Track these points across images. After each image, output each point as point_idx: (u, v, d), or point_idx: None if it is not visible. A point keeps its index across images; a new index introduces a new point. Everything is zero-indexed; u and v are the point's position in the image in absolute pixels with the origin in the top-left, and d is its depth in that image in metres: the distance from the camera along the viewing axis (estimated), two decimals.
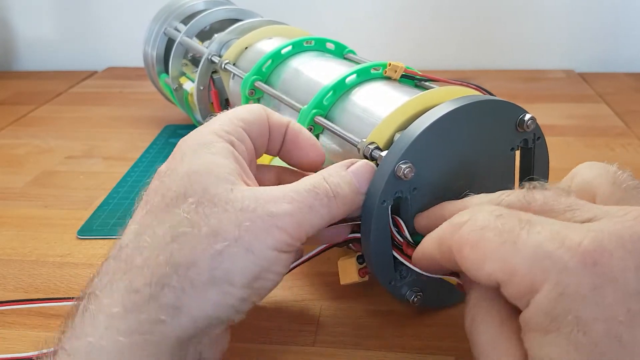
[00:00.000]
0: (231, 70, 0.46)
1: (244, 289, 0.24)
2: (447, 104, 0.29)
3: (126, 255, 0.25)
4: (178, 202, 0.25)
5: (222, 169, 0.26)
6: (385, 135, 0.30)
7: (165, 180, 0.26)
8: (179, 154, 0.28)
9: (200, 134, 0.28)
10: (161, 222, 0.25)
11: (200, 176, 0.26)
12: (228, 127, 0.28)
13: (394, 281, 0.31)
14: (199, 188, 0.25)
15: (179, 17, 0.61)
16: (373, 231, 0.29)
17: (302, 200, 0.26)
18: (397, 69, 0.35)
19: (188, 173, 0.26)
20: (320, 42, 0.44)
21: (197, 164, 0.26)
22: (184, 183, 0.26)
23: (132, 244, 0.25)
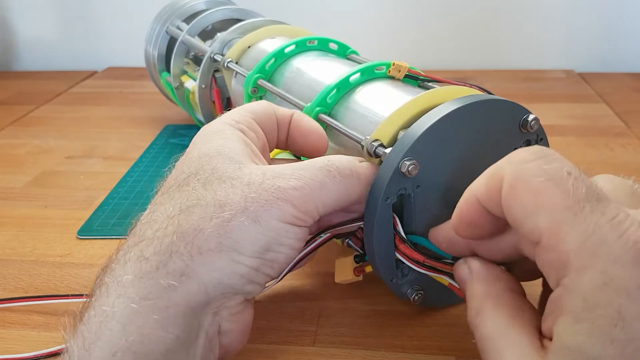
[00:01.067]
0: (234, 69, 0.46)
1: (254, 259, 0.25)
2: (452, 102, 0.29)
3: (139, 230, 0.26)
4: (189, 180, 0.27)
5: (232, 150, 0.28)
6: (389, 133, 0.30)
7: (179, 165, 0.28)
8: (193, 142, 0.29)
9: (213, 125, 0.30)
10: (172, 199, 0.26)
11: (210, 158, 0.27)
12: (238, 117, 0.30)
13: (396, 279, 0.31)
14: (208, 167, 0.27)
15: (181, 16, 0.61)
16: (376, 228, 0.29)
17: (311, 177, 0.26)
18: (401, 68, 0.35)
19: (199, 155, 0.28)
20: (323, 42, 0.44)
21: (207, 147, 0.28)
22: (195, 164, 0.27)
23: (145, 219, 0.26)
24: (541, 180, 0.21)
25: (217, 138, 0.28)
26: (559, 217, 0.20)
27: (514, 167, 0.22)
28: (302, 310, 0.35)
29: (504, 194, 0.22)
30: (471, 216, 0.24)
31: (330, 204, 0.27)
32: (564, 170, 0.21)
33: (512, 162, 0.22)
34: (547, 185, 0.20)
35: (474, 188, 0.24)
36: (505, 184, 0.22)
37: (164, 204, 0.26)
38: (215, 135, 0.29)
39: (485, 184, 0.23)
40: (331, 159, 0.28)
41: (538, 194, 0.21)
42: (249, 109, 0.31)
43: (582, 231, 0.19)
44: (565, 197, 0.20)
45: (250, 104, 0.32)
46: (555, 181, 0.20)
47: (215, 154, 0.27)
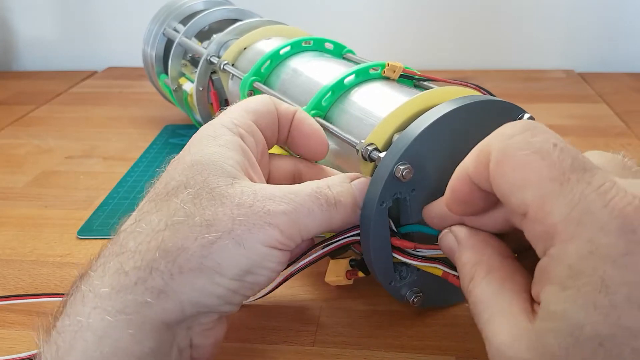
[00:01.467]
0: (230, 71, 0.46)
1: (234, 281, 0.25)
2: (446, 104, 0.29)
3: (121, 239, 0.25)
4: (178, 191, 0.26)
5: (227, 160, 0.27)
6: (384, 136, 0.30)
7: (170, 170, 0.27)
8: (188, 145, 0.28)
9: (211, 126, 0.29)
10: (159, 210, 0.25)
11: (203, 166, 0.26)
12: (238, 120, 0.29)
13: (394, 282, 0.31)
14: (199, 179, 0.26)
15: (178, 17, 0.61)
16: (372, 232, 0.29)
17: (301, 203, 0.26)
18: (396, 69, 0.35)
19: (192, 163, 0.26)
20: (318, 42, 0.44)
21: (201, 154, 0.27)
22: (187, 173, 0.26)
23: (129, 229, 0.25)
24: (527, 153, 0.21)
25: (213, 144, 0.27)
26: (544, 189, 0.20)
27: (500, 142, 0.22)
28: (302, 310, 0.35)
29: (492, 169, 0.22)
30: (463, 192, 0.24)
31: (314, 230, 0.27)
32: (550, 142, 0.21)
33: (498, 137, 0.22)
34: (533, 158, 0.21)
35: (465, 164, 0.24)
36: (492, 159, 0.22)
37: (150, 213, 0.25)
38: (212, 140, 0.28)
39: (474, 159, 0.23)
40: (320, 185, 0.28)
41: (524, 167, 0.21)
42: (250, 108, 0.30)
43: (567, 201, 0.19)
44: (551, 169, 0.20)
45: (251, 100, 0.31)
46: (541, 153, 0.21)
47: (208, 162, 0.26)
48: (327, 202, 0.27)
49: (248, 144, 0.29)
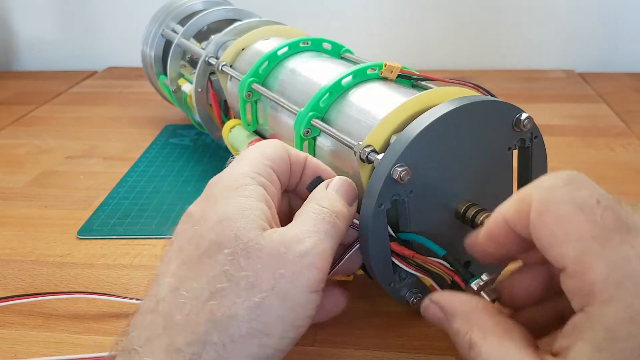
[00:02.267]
0: (228, 72, 0.46)
1: (281, 340, 0.25)
2: (443, 105, 0.29)
3: (164, 311, 0.24)
4: (212, 252, 0.25)
5: (254, 212, 0.26)
6: (382, 138, 0.30)
7: (198, 228, 0.26)
8: (212, 198, 0.27)
9: (232, 176, 0.28)
10: (198, 276, 0.25)
11: (232, 222, 0.25)
12: (259, 168, 0.28)
13: (393, 283, 0.31)
14: (231, 235, 0.25)
15: (177, 17, 0.60)
16: (371, 234, 0.29)
17: (317, 230, 0.26)
18: (393, 69, 0.35)
19: (220, 219, 0.26)
20: (316, 43, 0.44)
21: (229, 209, 0.26)
22: (217, 231, 0.25)
23: (170, 297, 0.24)
24: (569, 208, 0.21)
25: (237, 196, 0.27)
26: (585, 246, 0.20)
27: (542, 193, 0.22)
28: None
29: (532, 220, 0.22)
30: (499, 237, 0.24)
31: (334, 248, 0.27)
32: (594, 198, 0.21)
33: (541, 187, 0.22)
34: (575, 213, 0.20)
35: (504, 210, 0.24)
36: (533, 209, 0.22)
37: (189, 279, 0.25)
38: (235, 192, 0.27)
39: (515, 207, 0.23)
40: (315, 207, 0.27)
41: (565, 221, 0.21)
42: (267, 155, 0.29)
43: (608, 262, 0.19)
44: (593, 227, 0.20)
45: (267, 147, 0.30)
46: (584, 209, 0.20)
47: (237, 216, 0.26)
48: (330, 216, 0.27)
49: (270, 193, 0.28)
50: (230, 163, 0.30)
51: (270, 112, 0.41)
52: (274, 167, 0.29)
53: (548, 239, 0.21)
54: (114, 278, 0.39)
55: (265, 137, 0.44)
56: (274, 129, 0.41)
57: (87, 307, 0.36)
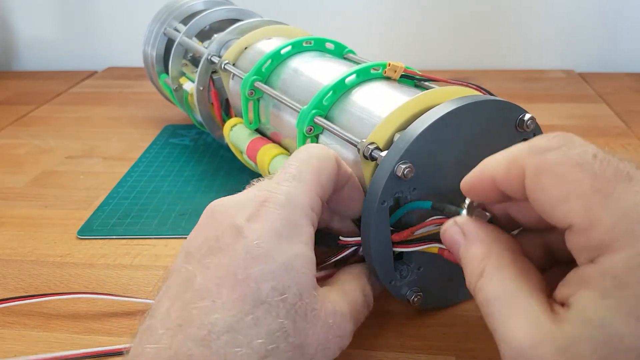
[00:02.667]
0: (231, 71, 0.46)
1: None
2: (447, 104, 0.29)
3: (217, 351, 0.22)
4: (275, 301, 0.24)
5: (311, 266, 0.26)
6: (385, 136, 0.30)
7: (262, 268, 0.24)
8: (271, 227, 0.25)
9: (291, 206, 0.26)
10: (257, 323, 0.23)
11: (298, 275, 0.24)
12: (314, 202, 0.27)
13: (394, 281, 0.31)
14: (295, 290, 0.24)
15: (179, 17, 0.61)
16: (373, 231, 0.29)
17: (359, 319, 0.29)
18: (397, 69, 0.35)
19: (286, 266, 0.24)
20: (319, 42, 0.44)
21: (293, 256, 0.25)
22: (282, 279, 0.24)
23: (225, 338, 0.23)
24: (566, 167, 0.20)
25: (299, 241, 0.25)
26: (589, 200, 0.19)
27: (536, 158, 0.21)
28: None
29: (529, 186, 0.21)
30: (484, 191, 0.24)
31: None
32: (589, 154, 0.20)
33: (533, 151, 0.21)
34: (573, 170, 0.20)
35: (491, 169, 0.23)
36: (528, 175, 0.21)
37: (248, 326, 0.23)
38: (297, 233, 0.25)
39: (504, 169, 0.22)
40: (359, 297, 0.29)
41: (565, 181, 0.20)
42: (322, 183, 0.27)
43: (615, 212, 0.19)
44: (594, 181, 0.20)
45: (322, 169, 0.28)
46: (582, 166, 0.20)
47: (300, 269, 0.25)
48: (368, 307, 0.30)
49: (315, 228, 0.27)
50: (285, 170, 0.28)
51: (272, 110, 0.41)
52: (323, 198, 0.28)
53: (549, 201, 0.21)
54: (114, 278, 0.39)
55: (267, 135, 0.44)
56: (276, 127, 0.42)
57: (87, 307, 0.36)
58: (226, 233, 0.25)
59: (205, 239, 0.25)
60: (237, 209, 0.26)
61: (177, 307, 0.23)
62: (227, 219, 0.26)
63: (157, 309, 0.24)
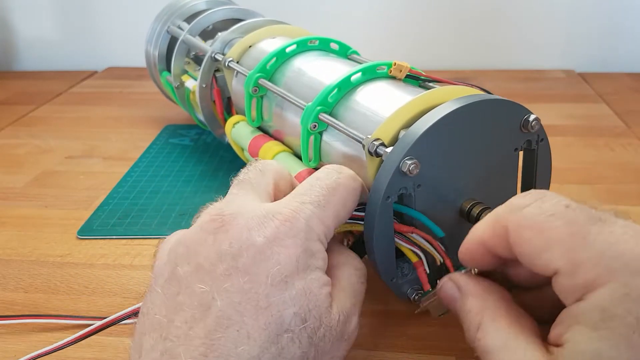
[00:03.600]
0: (235, 68, 0.46)
1: None
2: (453, 102, 0.29)
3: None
4: (298, 328, 0.24)
5: (327, 289, 0.26)
6: (390, 133, 0.30)
7: (284, 296, 0.24)
8: (294, 259, 0.25)
9: (310, 233, 0.26)
10: (281, 354, 0.23)
11: (315, 298, 0.24)
12: (329, 232, 0.27)
13: (396, 278, 0.31)
14: (315, 313, 0.24)
15: (181, 16, 0.61)
16: (377, 227, 0.29)
17: (360, 301, 0.28)
18: (402, 68, 0.35)
19: (305, 291, 0.24)
20: (324, 42, 0.44)
21: (310, 280, 0.25)
22: (303, 304, 0.24)
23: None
24: (543, 218, 0.22)
25: (314, 267, 0.25)
26: (568, 245, 0.21)
27: (515, 215, 0.23)
28: None
29: (513, 241, 0.23)
30: (477, 255, 0.25)
31: None
32: (562, 205, 0.22)
33: (512, 209, 0.23)
34: (549, 220, 0.21)
35: (479, 233, 0.25)
36: (510, 231, 0.23)
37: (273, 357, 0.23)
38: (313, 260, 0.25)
39: (490, 231, 0.24)
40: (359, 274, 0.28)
41: (543, 232, 0.21)
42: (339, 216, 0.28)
43: (595, 252, 0.20)
44: (570, 227, 0.21)
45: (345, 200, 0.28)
46: (556, 215, 0.21)
47: (318, 293, 0.25)
48: (365, 282, 0.29)
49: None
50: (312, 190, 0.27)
51: (275, 108, 0.41)
52: (336, 226, 0.28)
53: (532, 252, 0.22)
54: (114, 278, 0.39)
55: (269, 133, 0.44)
56: (279, 125, 0.42)
57: (87, 307, 0.36)
58: (245, 252, 0.24)
59: (219, 253, 0.24)
60: (254, 224, 0.25)
61: (200, 334, 0.23)
62: (243, 233, 0.25)
63: (172, 330, 0.23)
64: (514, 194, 0.33)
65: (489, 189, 0.32)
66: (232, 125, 0.46)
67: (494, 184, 0.32)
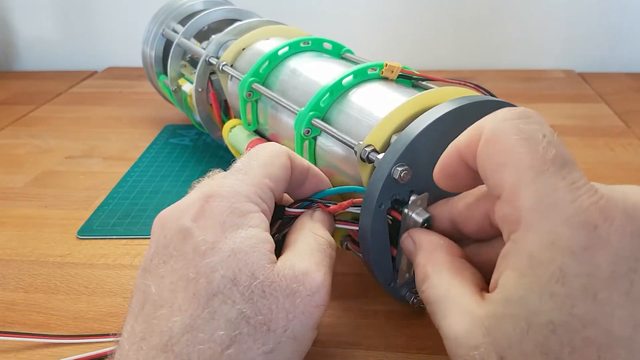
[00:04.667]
0: (229, 72, 0.46)
1: None
2: (444, 105, 0.29)
3: (180, 352, 0.23)
4: (227, 289, 0.24)
5: (264, 245, 0.25)
6: (382, 137, 0.30)
7: (209, 261, 0.24)
8: (215, 220, 0.25)
9: (235, 197, 0.26)
10: (214, 316, 0.23)
11: (247, 256, 0.24)
12: (262, 191, 0.27)
13: (393, 283, 0.31)
14: (247, 271, 0.24)
15: (177, 17, 0.61)
16: (371, 234, 0.29)
17: (323, 264, 0.27)
18: (394, 69, 0.35)
19: (234, 251, 0.24)
20: (317, 42, 0.44)
21: (240, 240, 0.25)
22: (231, 265, 0.24)
23: (185, 339, 0.23)
24: (515, 138, 0.21)
25: (245, 225, 0.25)
26: (520, 174, 0.21)
27: (493, 124, 0.22)
28: None
29: (480, 147, 0.23)
30: (451, 167, 0.25)
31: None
32: (540, 133, 0.22)
33: (494, 118, 0.23)
34: (519, 144, 0.21)
35: (457, 141, 0.24)
36: (482, 137, 0.23)
37: (206, 321, 0.23)
38: (243, 220, 0.26)
39: (467, 138, 0.24)
40: (313, 238, 0.28)
41: (508, 151, 0.21)
42: (271, 174, 0.28)
43: (537, 191, 0.20)
44: (533, 158, 0.21)
45: (272, 164, 0.28)
46: (528, 141, 0.21)
47: (250, 251, 0.25)
48: (329, 248, 0.28)
49: (267, 217, 0.28)
50: (232, 167, 0.29)
51: (270, 111, 0.41)
52: (274, 189, 0.28)
53: (490, 166, 0.22)
54: (114, 278, 0.39)
55: (265, 136, 0.44)
56: (275, 128, 0.42)
57: (87, 307, 0.36)
58: (174, 238, 0.25)
59: (156, 249, 0.25)
60: (183, 212, 0.26)
61: (140, 322, 0.24)
62: (174, 223, 0.25)
63: (124, 329, 0.24)
64: None
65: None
66: (228, 129, 0.46)
67: None
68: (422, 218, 0.28)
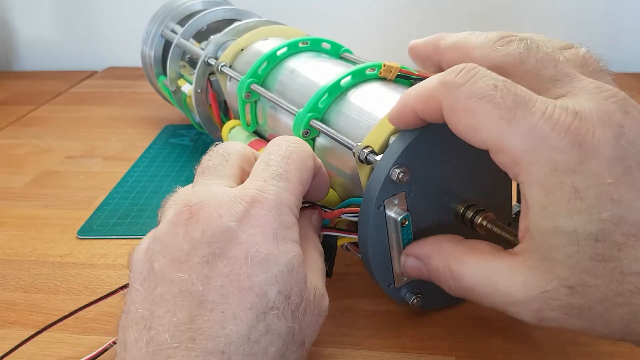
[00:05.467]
0: (227, 73, 0.46)
1: None
2: None
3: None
4: (282, 305, 0.24)
5: (301, 262, 0.26)
6: (381, 138, 0.30)
7: (268, 274, 0.24)
8: (270, 236, 0.25)
9: (282, 209, 0.26)
10: (269, 330, 0.23)
11: (297, 274, 0.25)
12: (297, 200, 0.27)
13: (393, 284, 0.31)
14: (297, 290, 0.24)
15: (177, 17, 0.60)
16: (370, 236, 0.29)
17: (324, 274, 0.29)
18: (392, 69, 0.34)
19: (288, 268, 0.24)
20: (315, 43, 0.44)
21: (292, 256, 0.25)
22: (287, 281, 0.24)
23: (242, 349, 0.23)
24: (474, 100, 0.23)
25: (292, 241, 0.25)
26: (496, 128, 0.23)
27: (449, 95, 0.24)
28: None
29: (448, 118, 0.24)
30: (408, 120, 0.27)
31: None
32: (491, 86, 0.23)
33: (446, 87, 0.24)
34: (480, 103, 0.23)
35: (412, 103, 0.26)
36: (444, 110, 0.24)
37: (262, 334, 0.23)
38: (290, 234, 0.26)
39: (424, 104, 0.25)
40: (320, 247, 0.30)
41: (474, 113, 0.23)
42: (304, 180, 0.28)
43: (519, 134, 0.22)
44: (498, 110, 0.23)
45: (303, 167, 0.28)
46: (486, 98, 0.23)
47: (299, 269, 0.25)
48: (322, 254, 0.30)
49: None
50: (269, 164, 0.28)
51: (269, 112, 0.41)
52: (303, 193, 0.28)
53: (466, 130, 0.24)
54: (114, 278, 0.39)
55: (264, 137, 0.44)
56: (274, 129, 0.42)
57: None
58: (218, 238, 0.24)
59: (192, 243, 0.24)
60: (224, 209, 0.25)
61: (184, 320, 0.23)
62: (215, 220, 0.24)
63: (155, 320, 0.23)
64: (508, 194, 0.33)
65: (483, 190, 0.32)
66: (228, 130, 0.46)
67: (487, 185, 0.32)
68: (400, 217, 0.29)
